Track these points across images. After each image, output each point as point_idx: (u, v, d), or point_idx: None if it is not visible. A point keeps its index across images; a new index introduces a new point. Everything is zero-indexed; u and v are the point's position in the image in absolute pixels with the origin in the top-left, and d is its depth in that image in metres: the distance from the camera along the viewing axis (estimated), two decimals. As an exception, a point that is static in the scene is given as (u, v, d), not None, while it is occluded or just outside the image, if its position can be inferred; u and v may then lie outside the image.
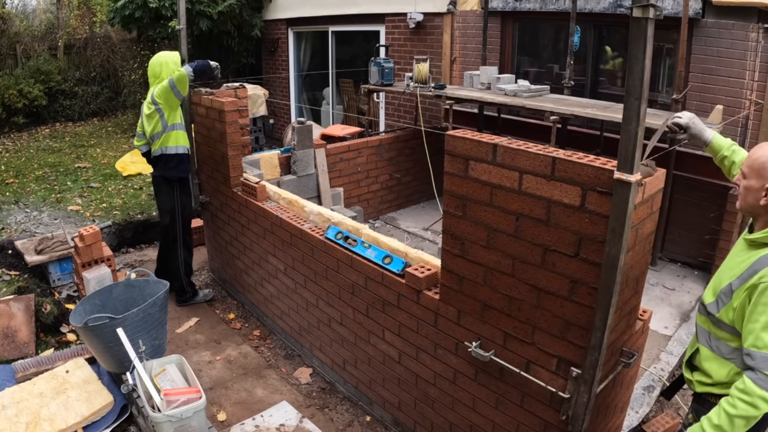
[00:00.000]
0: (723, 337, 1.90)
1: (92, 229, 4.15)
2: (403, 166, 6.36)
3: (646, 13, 1.54)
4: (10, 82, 9.48)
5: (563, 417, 2.11)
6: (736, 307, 1.81)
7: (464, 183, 2.25)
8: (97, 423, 3.05)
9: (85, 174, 7.30)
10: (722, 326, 1.89)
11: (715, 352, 1.93)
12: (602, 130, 5.18)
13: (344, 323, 3.28)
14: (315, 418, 3.26)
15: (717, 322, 1.91)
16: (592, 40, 5.74)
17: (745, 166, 1.88)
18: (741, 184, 1.89)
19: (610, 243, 1.79)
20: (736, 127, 4.49)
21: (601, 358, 1.91)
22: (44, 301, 4.07)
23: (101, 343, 2.98)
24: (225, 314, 4.45)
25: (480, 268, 2.29)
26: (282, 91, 9.69)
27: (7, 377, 3.35)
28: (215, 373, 3.69)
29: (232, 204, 4.23)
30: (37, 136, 9.67)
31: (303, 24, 8.97)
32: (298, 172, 5.12)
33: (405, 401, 2.99)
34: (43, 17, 12.40)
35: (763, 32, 4.28)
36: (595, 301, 1.90)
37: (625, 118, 1.67)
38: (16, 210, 5.97)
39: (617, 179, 1.72)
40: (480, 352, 2.34)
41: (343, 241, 3.12)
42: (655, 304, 4.32)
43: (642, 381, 3.38)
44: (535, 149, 2.01)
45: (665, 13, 4.51)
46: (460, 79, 6.45)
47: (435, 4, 6.74)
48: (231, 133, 4.06)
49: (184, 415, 2.59)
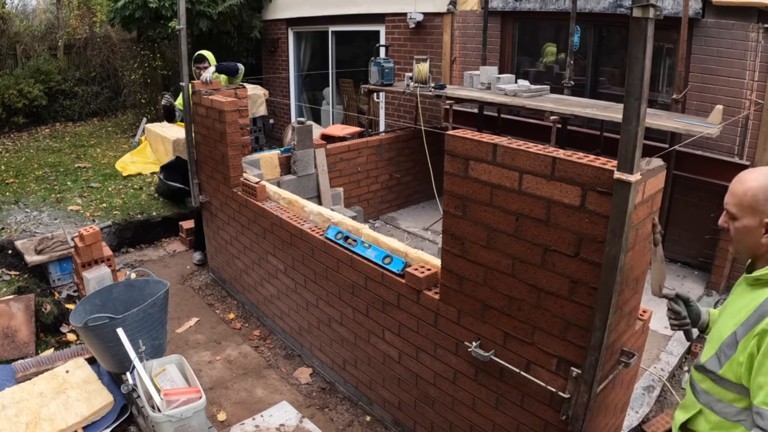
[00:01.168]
0: (728, 399, 1.60)
1: (92, 229, 4.15)
2: (403, 166, 6.36)
3: (646, 13, 1.54)
4: (10, 82, 9.48)
5: (563, 417, 2.11)
6: (743, 361, 1.52)
7: (464, 183, 2.25)
8: (97, 423, 3.05)
9: (85, 174, 7.30)
10: (726, 385, 1.60)
11: (719, 416, 1.64)
12: (602, 130, 5.18)
13: (344, 323, 3.28)
14: (315, 418, 3.26)
15: (720, 380, 1.61)
16: (592, 40, 5.75)
17: (730, 205, 1.60)
18: (732, 227, 1.62)
19: (610, 243, 1.79)
20: (736, 127, 4.49)
21: (601, 358, 1.91)
22: (44, 301, 4.07)
23: (101, 343, 2.98)
24: (225, 314, 4.45)
25: (480, 268, 2.29)
26: (282, 91, 9.69)
27: (7, 377, 3.35)
28: (215, 373, 3.69)
29: (232, 204, 4.23)
30: (37, 136, 9.67)
31: (303, 24, 8.97)
32: (298, 172, 5.12)
33: (405, 401, 2.99)
34: (43, 17, 12.40)
35: (763, 32, 4.28)
36: (595, 301, 1.90)
37: (625, 118, 1.67)
38: (16, 210, 5.97)
39: (617, 179, 1.72)
40: (480, 352, 2.34)
41: (343, 241, 3.12)
42: (655, 304, 4.29)
43: (642, 381, 3.38)
44: (535, 149, 2.01)
45: (665, 13, 4.51)
46: (460, 79, 6.45)
47: (435, 4, 6.74)
48: (231, 133, 4.06)
49: (184, 415, 2.59)
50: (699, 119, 4.32)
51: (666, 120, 4.21)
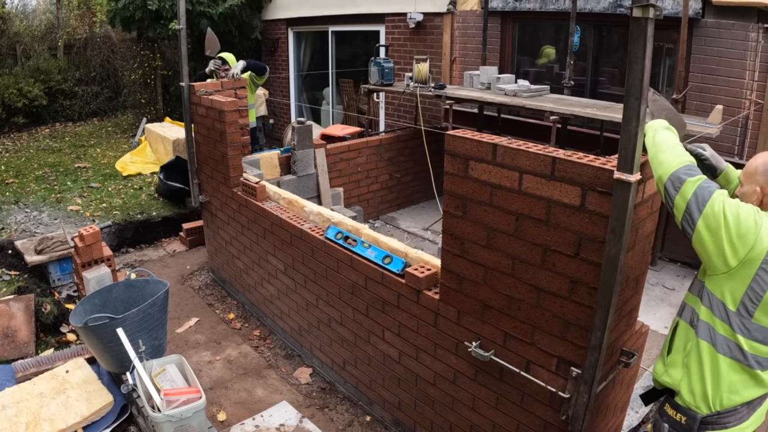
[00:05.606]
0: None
1: (92, 229, 4.15)
2: (403, 166, 6.36)
3: (646, 13, 1.54)
4: (10, 82, 9.48)
5: (563, 417, 2.11)
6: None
7: (464, 183, 2.25)
8: (97, 423, 3.05)
9: (85, 174, 7.30)
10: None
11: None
12: (602, 130, 5.18)
13: (344, 323, 3.28)
14: (315, 418, 3.26)
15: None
16: (592, 40, 5.74)
17: (741, 174, 1.92)
18: (738, 193, 1.90)
19: (610, 243, 1.79)
20: (736, 127, 4.49)
21: (601, 358, 1.90)
22: (44, 301, 4.07)
23: (101, 343, 2.98)
24: (225, 314, 4.45)
25: (480, 268, 2.29)
26: (282, 91, 9.69)
27: (7, 377, 3.35)
28: (215, 373, 3.69)
29: (232, 204, 4.23)
30: (37, 136, 9.66)
31: (303, 24, 8.97)
32: (298, 172, 5.12)
33: (405, 401, 2.99)
34: (43, 17, 12.39)
35: (763, 32, 4.28)
36: (595, 301, 1.90)
37: (625, 118, 1.67)
38: (16, 210, 5.97)
39: (617, 179, 1.72)
40: (480, 352, 2.34)
41: (343, 241, 3.12)
42: (655, 304, 4.32)
43: (642, 381, 3.38)
44: (535, 149, 2.01)
45: (665, 13, 4.50)
46: (460, 79, 6.45)
47: (435, 4, 6.74)
48: (231, 133, 4.06)
49: (184, 415, 2.59)
50: (699, 119, 4.32)
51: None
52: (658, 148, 1.78)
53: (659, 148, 1.78)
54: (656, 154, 1.78)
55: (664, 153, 1.77)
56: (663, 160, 1.76)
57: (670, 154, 1.76)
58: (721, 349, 1.76)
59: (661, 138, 1.81)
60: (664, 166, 1.75)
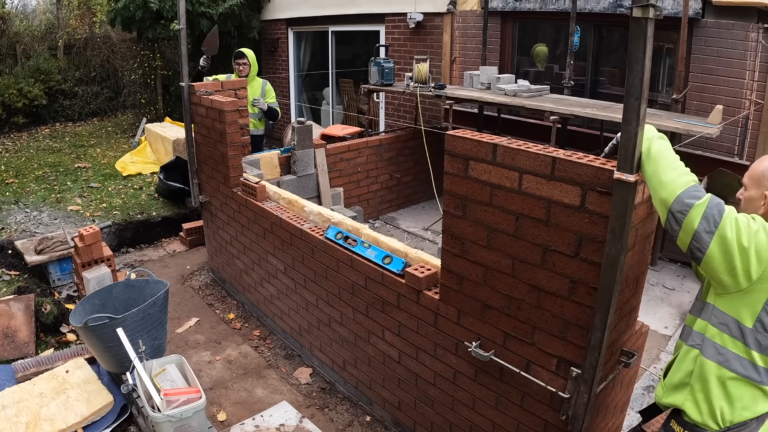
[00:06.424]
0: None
1: (92, 229, 4.15)
2: (403, 166, 6.36)
3: (646, 13, 1.54)
4: (10, 81, 9.48)
5: (563, 417, 2.11)
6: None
7: (464, 183, 2.25)
8: (97, 423, 3.05)
9: (85, 174, 7.30)
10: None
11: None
12: (602, 130, 5.18)
13: (344, 323, 3.28)
14: (315, 418, 3.26)
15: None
16: (592, 40, 5.74)
17: (745, 177, 1.83)
18: (742, 197, 1.84)
19: (610, 243, 1.79)
20: (736, 127, 4.49)
21: (601, 358, 1.90)
22: (44, 301, 4.07)
23: (101, 343, 2.98)
24: (225, 314, 4.45)
25: (480, 268, 2.29)
26: (282, 91, 9.69)
27: (7, 377, 3.35)
28: (215, 373, 3.69)
29: (232, 204, 4.23)
30: (37, 136, 9.66)
31: (303, 24, 8.97)
32: (298, 172, 5.12)
33: (405, 401, 2.99)
34: (43, 17, 12.39)
35: (763, 32, 4.28)
36: (595, 301, 1.90)
37: (625, 118, 1.67)
38: (16, 210, 5.97)
39: (617, 179, 1.72)
40: (480, 352, 2.34)
41: (343, 241, 3.12)
42: (655, 304, 4.32)
43: (642, 381, 3.38)
44: (535, 149, 2.01)
45: (665, 13, 4.51)
46: (460, 79, 6.45)
47: (435, 4, 6.74)
48: (231, 133, 4.06)
49: (184, 415, 2.59)
50: (699, 119, 4.32)
51: (666, 120, 4.21)
52: (657, 165, 1.68)
53: (658, 165, 1.67)
54: (655, 172, 1.67)
55: (665, 172, 1.66)
56: (665, 182, 1.65)
57: (673, 173, 1.65)
58: (732, 367, 1.70)
59: (657, 150, 1.69)
60: (668, 189, 1.64)
